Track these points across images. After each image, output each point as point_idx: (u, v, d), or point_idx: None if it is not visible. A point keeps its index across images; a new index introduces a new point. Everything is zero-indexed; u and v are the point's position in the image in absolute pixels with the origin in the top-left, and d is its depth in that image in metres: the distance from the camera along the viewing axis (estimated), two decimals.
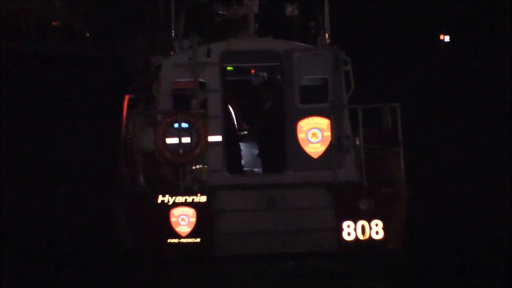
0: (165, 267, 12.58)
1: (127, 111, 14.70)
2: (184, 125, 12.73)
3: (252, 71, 15.11)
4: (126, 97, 14.77)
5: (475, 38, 36.85)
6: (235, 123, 14.34)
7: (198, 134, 12.66)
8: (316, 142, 13.19)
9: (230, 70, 14.39)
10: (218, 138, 13.15)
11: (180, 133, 12.73)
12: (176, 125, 12.71)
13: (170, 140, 12.69)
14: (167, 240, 12.37)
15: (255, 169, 14.46)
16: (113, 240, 14.18)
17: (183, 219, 12.39)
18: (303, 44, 13.98)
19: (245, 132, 14.77)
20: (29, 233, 15.82)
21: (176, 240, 12.36)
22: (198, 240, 12.33)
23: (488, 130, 26.94)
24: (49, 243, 14.99)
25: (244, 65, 14.76)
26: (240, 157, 14.25)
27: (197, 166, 12.70)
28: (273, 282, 11.93)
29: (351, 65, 13.75)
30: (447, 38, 40.13)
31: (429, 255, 13.65)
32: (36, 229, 16.34)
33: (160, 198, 12.39)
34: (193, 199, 12.38)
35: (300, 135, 13.21)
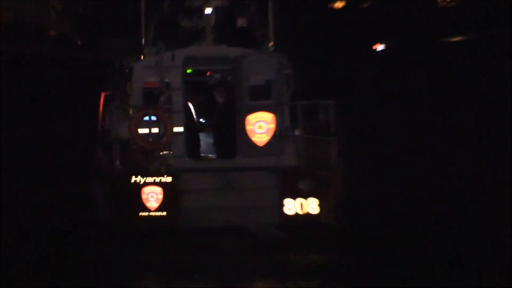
0: (137, 237, 13.47)
1: (104, 106, 15.35)
2: (153, 118, 13.77)
3: (208, 73, 15.87)
4: (103, 94, 15.36)
5: (407, 46, 38.75)
6: (194, 116, 15.33)
7: (165, 126, 13.73)
8: (262, 133, 14.23)
9: (189, 73, 15.18)
10: (181, 129, 14.13)
11: (150, 124, 13.73)
12: (146, 118, 13.76)
13: (142, 131, 13.69)
14: (138, 214, 13.45)
15: (210, 155, 15.38)
16: (91, 215, 14.73)
17: (152, 196, 13.50)
18: (251, 50, 14.97)
19: (202, 121, 15.79)
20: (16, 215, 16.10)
21: (146, 214, 13.47)
22: (164, 213, 13.46)
23: (415, 121, 28.36)
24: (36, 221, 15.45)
25: (202, 68, 15.65)
26: (198, 145, 15.22)
27: (164, 152, 13.81)
28: (227, 252, 13.01)
29: (292, 68, 14.66)
30: (381, 47, 41.89)
31: (359, 228, 14.64)
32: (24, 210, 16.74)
33: (133, 179, 13.45)
34: (160, 180, 13.49)
35: (248, 127, 14.20)
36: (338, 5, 44.06)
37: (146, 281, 11.73)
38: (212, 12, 15.33)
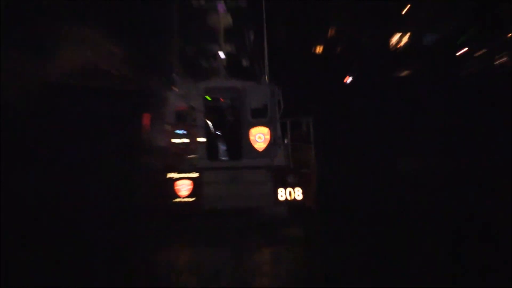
0: (171, 218, 13.54)
1: (147, 124, 14.87)
2: (183, 131, 14.10)
3: (222, 99, 15.98)
4: (146, 115, 14.92)
5: (368, 79, 39.04)
6: (212, 130, 15.41)
7: (191, 137, 14.07)
8: (261, 142, 14.48)
9: (208, 99, 15.26)
10: (203, 139, 14.36)
11: (180, 136, 14.06)
12: (178, 131, 14.07)
13: (175, 141, 14.02)
14: (172, 200, 13.51)
15: (224, 158, 15.38)
16: (134, 203, 14.37)
17: (183, 187, 13.57)
18: (252, 82, 15.05)
19: (218, 133, 15.66)
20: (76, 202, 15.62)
21: (178, 200, 13.54)
22: (192, 200, 13.53)
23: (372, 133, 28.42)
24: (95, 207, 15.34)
25: (217, 96, 15.69)
26: (215, 151, 15.25)
27: (191, 156, 14.10)
28: (236, 228, 13.17)
29: (282, 94, 14.82)
30: (350, 80, 42.03)
31: (331, 209, 14.70)
32: (86, 195, 16.39)
33: (169, 175, 13.55)
34: (189, 175, 13.59)
35: (251, 137, 14.44)
36: (319, 50, 44.07)
37: (177, 249, 11.82)
38: (224, 56, 15.49)
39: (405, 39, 44.23)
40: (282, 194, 13.75)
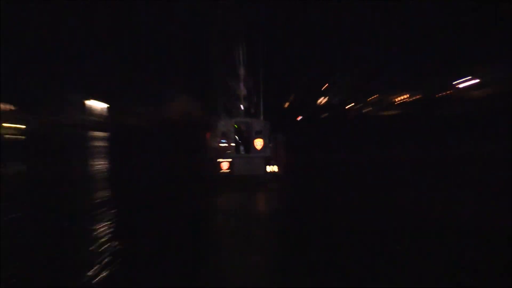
0: (218, 181, 13.16)
1: (208, 137, 14.30)
2: (224, 141, 13.82)
3: (242, 126, 15.10)
4: (208, 133, 14.37)
5: (308, 118, 39.92)
6: (238, 140, 14.71)
7: (228, 143, 13.84)
8: (259, 146, 13.99)
9: (236, 126, 14.64)
10: (233, 144, 13.99)
11: (223, 143, 13.78)
12: (222, 141, 13.80)
13: (221, 145, 13.74)
14: (219, 171, 13.30)
15: (242, 153, 14.51)
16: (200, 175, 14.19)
17: (225, 165, 13.34)
18: (255, 119, 14.68)
19: (240, 141, 14.76)
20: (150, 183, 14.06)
21: (222, 171, 13.28)
22: (228, 171, 13.33)
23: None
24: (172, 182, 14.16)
25: (240, 124, 14.91)
26: (239, 149, 14.56)
27: (228, 151, 13.86)
28: (247, 184, 12.58)
29: (269, 124, 14.26)
30: (300, 117, 42.78)
31: (292, 176, 14.37)
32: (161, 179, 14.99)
33: (218, 160, 13.38)
34: (227, 160, 13.39)
35: (255, 143, 13.93)
36: (287, 104, 45.09)
37: (219, 195, 11.25)
38: (243, 107, 15.22)
39: (324, 100, 45.55)
40: (269, 168, 13.08)
